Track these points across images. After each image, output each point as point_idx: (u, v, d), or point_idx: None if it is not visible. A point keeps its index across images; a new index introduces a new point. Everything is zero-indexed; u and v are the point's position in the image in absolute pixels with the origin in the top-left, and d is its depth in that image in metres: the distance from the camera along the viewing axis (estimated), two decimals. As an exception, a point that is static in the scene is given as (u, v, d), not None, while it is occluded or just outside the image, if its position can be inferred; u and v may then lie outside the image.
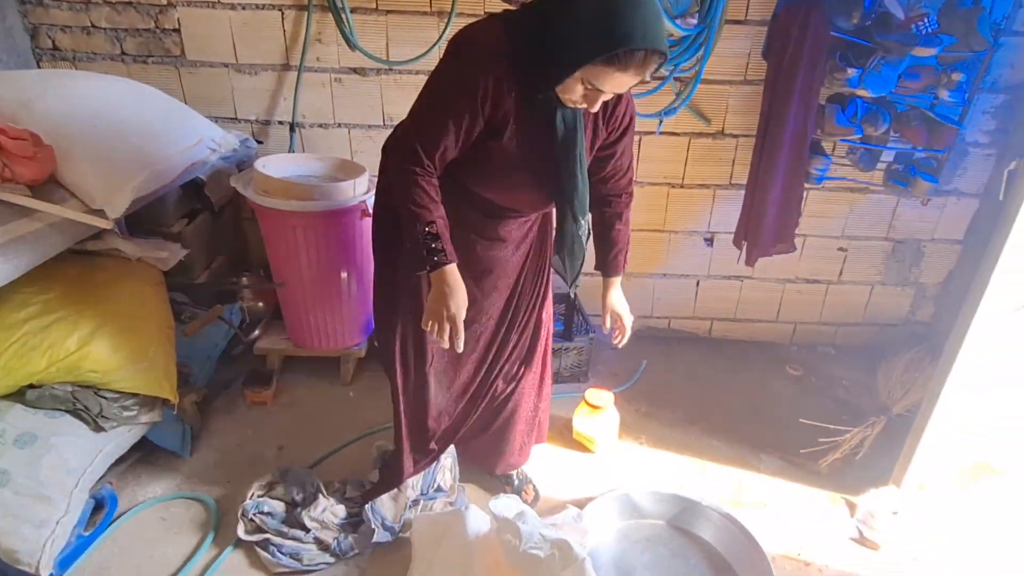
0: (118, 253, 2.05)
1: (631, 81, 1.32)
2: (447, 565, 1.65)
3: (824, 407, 2.54)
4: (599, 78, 1.30)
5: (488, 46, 1.36)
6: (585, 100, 1.37)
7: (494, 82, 1.36)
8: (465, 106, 1.37)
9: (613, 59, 1.25)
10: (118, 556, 1.82)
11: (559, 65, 1.30)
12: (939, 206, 2.67)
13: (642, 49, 1.24)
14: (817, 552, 1.96)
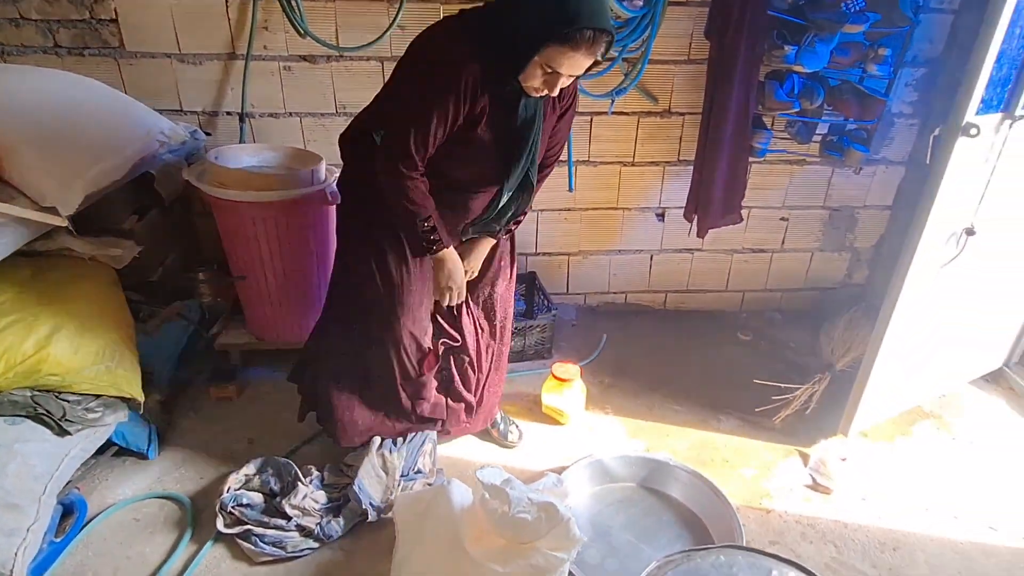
0: (70, 253, 1.99)
1: (585, 61, 1.45)
2: (433, 539, 1.69)
3: (774, 368, 2.69)
4: (556, 60, 1.43)
5: (460, 48, 1.47)
6: (545, 85, 1.50)
7: (471, 81, 1.47)
8: (449, 107, 1.48)
9: (566, 39, 1.38)
10: (93, 559, 1.79)
11: (519, 53, 1.43)
12: (869, 174, 2.85)
13: (591, 28, 1.37)
14: (776, 500, 2.09)
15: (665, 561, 1.56)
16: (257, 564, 1.79)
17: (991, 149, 1.87)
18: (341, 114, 2.58)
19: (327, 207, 2.32)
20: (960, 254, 2.04)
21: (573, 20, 1.36)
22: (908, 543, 1.96)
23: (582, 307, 3.08)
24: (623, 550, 1.88)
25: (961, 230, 1.99)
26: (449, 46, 1.48)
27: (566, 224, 2.88)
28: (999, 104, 1.80)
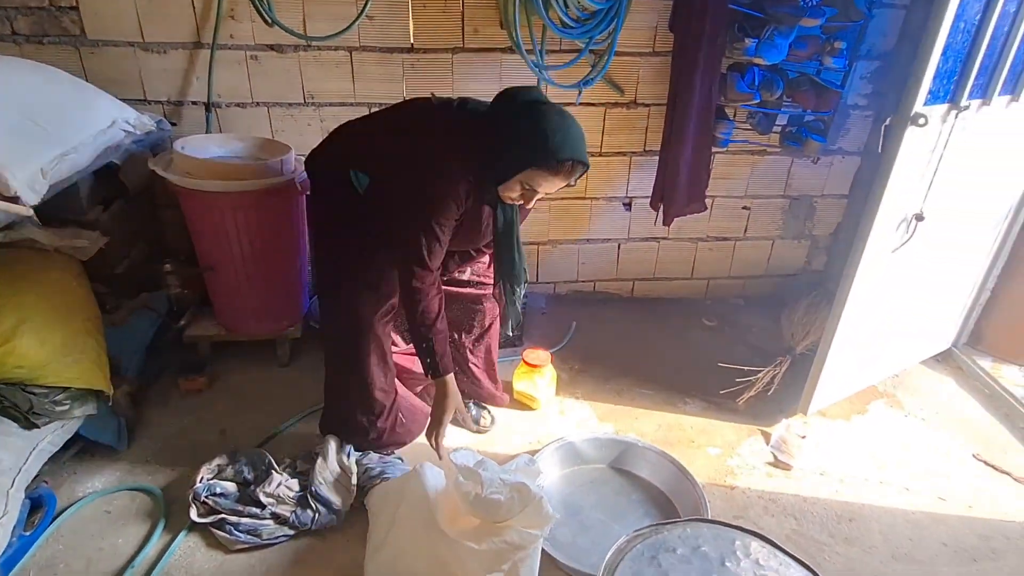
0: (34, 244, 1.96)
1: (560, 184, 1.64)
2: (409, 522, 1.71)
3: (738, 352, 2.77)
4: (535, 181, 1.61)
5: (457, 163, 1.64)
6: (522, 198, 1.68)
7: (466, 192, 1.67)
8: (452, 217, 1.68)
9: (548, 167, 1.57)
10: (65, 552, 1.78)
11: (504, 169, 1.61)
12: (827, 164, 2.96)
13: (572, 160, 1.57)
14: (740, 477, 2.17)
15: (634, 535, 1.62)
16: (232, 552, 1.80)
17: (939, 138, 1.96)
18: (310, 104, 2.57)
19: (296, 197, 2.32)
20: (910, 239, 2.14)
21: (557, 151, 1.54)
22: (863, 514, 2.06)
23: (552, 295, 3.13)
24: (594, 528, 1.94)
25: (911, 216, 2.09)
26: (454, 164, 1.64)
27: (535, 214, 2.91)
28: (945, 95, 1.89)
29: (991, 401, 2.60)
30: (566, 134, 1.56)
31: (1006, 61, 1.94)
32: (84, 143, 1.95)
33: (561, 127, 1.56)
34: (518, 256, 1.86)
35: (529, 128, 1.56)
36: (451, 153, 1.65)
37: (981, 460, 2.31)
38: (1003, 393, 2.59)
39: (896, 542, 1.97)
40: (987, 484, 2.21)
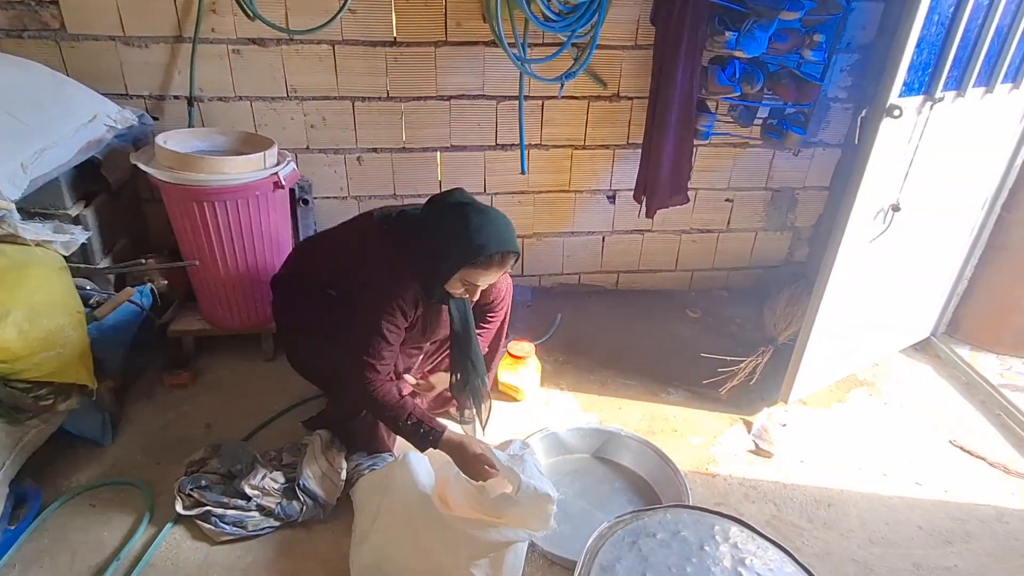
0: (15, 239, 1.95)
1: (497, 275, 1.76)
2: (392, 512, 1.73)
3: (721, 343, 2.81)
4: (471, 277, 1.72)
5: (400, 272, 1.77)
6: (467, 292, 1.79)
7: (413, 299, 1.78)
8: (401, 324, 1.78)
9: (477, 263, 1.67)
10: (50, 545, 1.78)
11: (442, 273, 1.72)
12: (808, 156, 2.99)
13: (499, 252, 1.67)
14: (722, 465, 2.20)
15: (616, 521, 1.65)
16: (218, 543, 1.81)
17: (914, 129, 1.99)
18: (293, 98, 2.57)
19: (279, 191, 2.32)
20: (887, 230, 2.17)
21: (483, 248, 1.65)
22: (841, 499, 2.10)
23: (537, 288, 3.15)
24: (577, 516, 1.96)
25: (888, 206, 2.12)
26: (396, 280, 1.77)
27: (520, 207, 2.94)
28: (920, 87, 1.92)
29: (968, 389, 2.65)
30: (489, 231, 1.67)
31: (980, 53, 1.98)
32: (65, 137, 1.94)
33: (484, 226, 1.67)
34: (476, 345, 1.95)
35: (456, 232, 1.68)
36: (393, 265, 1.79)
37: (957, 446, 2.36)
38: (980, 381, 2.64)
39: (873, 526, 2.01)
40: (963, 469, 2.25)
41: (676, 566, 1.53)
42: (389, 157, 2.74)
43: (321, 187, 2.75)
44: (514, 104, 2.65)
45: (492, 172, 2.83)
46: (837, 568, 1.86)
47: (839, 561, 1.88)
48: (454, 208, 1.72)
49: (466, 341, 1.92)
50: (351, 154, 2.71)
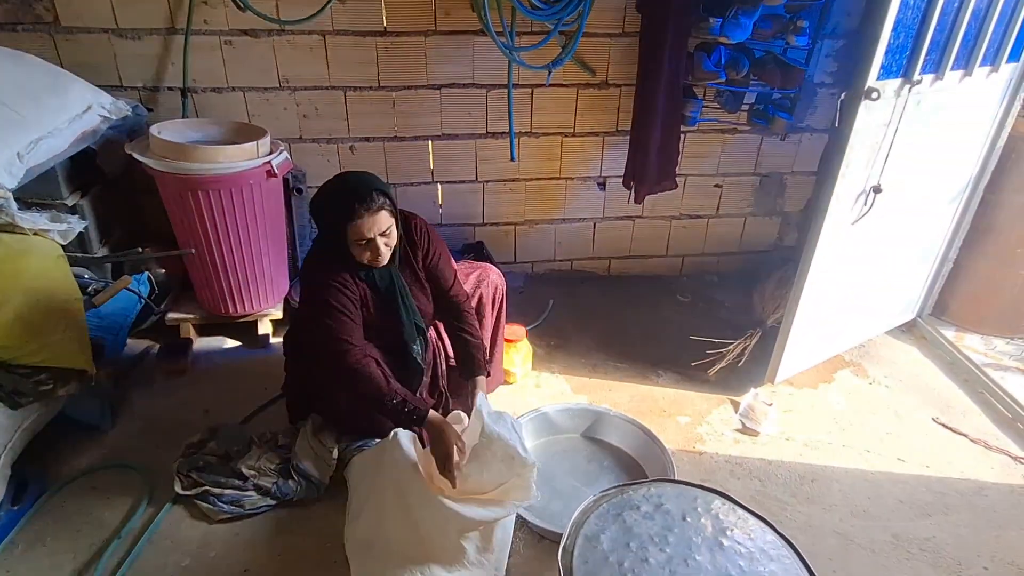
0: (13, 228, 1.99)
1: (377, 219, 1.74)
2: (384, 490, 1.78)
3: (711, 327, 2.84)
4: (356, 232, 1.74)
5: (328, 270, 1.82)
6: (371, 253, 1.79)
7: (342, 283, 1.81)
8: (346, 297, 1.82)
9: (349, 217, 1.71)
10: (52, 525, 1.83)
11: (334, 244, 1.79)
12: (796, 142, 3.03)
13: (355, 198, 1.70)
14: (708, 444, 2.26)
15: (601, 495, 1.70)
16: (216, 522, 1.87)
17: (893, 112, 2.03)
18: (285, 88, 2.61)
19: (273, 180, 2.36)
20: (869, 212, 2.21)
21: (346, 203, 1.71)
22: (825, 475, 2.15)
23: (530, 275, 3.19)
24: (567, 493, 2.01)
25: (869, 188, 2.16)
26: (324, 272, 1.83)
27: (511, 194, 2.98)
28: (898, 70, 1.96)
29: (952, 368, 2.70)
30: (341, 185, 1.76)
31: (957, 36, 2.01)
32: (60, 128, 1.98)
33: (334, 185, 1.78)
34: (405, 312, 1.95)
35: (320, 204, 1.80)
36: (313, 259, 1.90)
37: (940, 423, 2.40)
38: (964, 360, 2.69)
39: (855, 500, 2.06)
40: (945, 445, 2.30)
41: (658, 536, 1.57)
42: (381, 146, 2.78)
43: (315, 177, 2.79)
44: (504, 93, 2.69)
45: (483, 160, 2.87)
46: (818, 540, 1.91)
47: (820, 533, 1.94)
48: (317, 196, 1.82)
49: (396, 308, 1.93)
50: (344, 143, 2.75)
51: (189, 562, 1.76)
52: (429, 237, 1.99)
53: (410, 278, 1.98)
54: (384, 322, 1.94)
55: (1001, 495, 2.10)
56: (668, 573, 1.49)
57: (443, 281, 2.04)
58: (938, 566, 1.85)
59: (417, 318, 1.99)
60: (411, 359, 1.98)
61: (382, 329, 1.94)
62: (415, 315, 1.98)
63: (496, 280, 2.26)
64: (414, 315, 1.97)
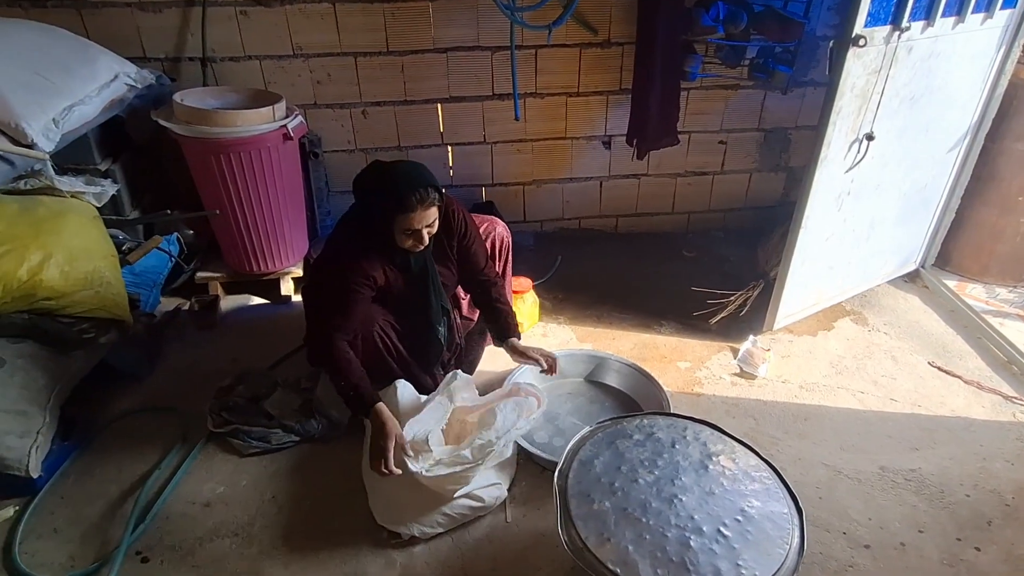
0: (52, 191, 2.15)
1: (427, 214, 1.80)
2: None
3: (714, 280, 2.92)
4: (406, 224, 1.80)
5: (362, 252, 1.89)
6: (414, 241, 1.85)
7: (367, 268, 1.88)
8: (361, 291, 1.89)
9: (403, 210, 1.76)
10: (99, 460, 2.02)
11: (382, 231, 1.84)
12: (799, 96, 3.06)
13: (414, 193, 1.74)
14: (706, 386, 2.36)
15: (597, 426, 1.82)
16: (246, 456, 2.04)
17: (883, 59, 2.07)
18: (299, 55, 2.72)
19: (289, 143, 2.48)
20: (863, 159, 2.27)
21: (401, 192, 1.75)
22: (818, 414, 2.25)
23: (539, 233, 3.30)
24: (569, 431, 2.14)
25: (862, 136, 2.22)
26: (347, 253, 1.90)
27: (519, 155, 3.07)
28: (886, 17, 2.00)
29: (952, 316, 2.75)
30: (398, 179, 1.78)
31: (949, -18, 2.04)
32: (90, 95, 2.13)
33: (387, 176, 1.80)
34: (435, 297, 2.03)
35: (369, 190, 1.84)
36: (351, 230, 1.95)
37: (935, 366, 2.48)
38: (964, 308, 2.74)
39: (846, 436, 2.16)
40: (938, 387, 2.38)
41: (648, 460, 1.70)
42: (392, 110, 2.89)
43: (330, 141, 2.92)
44: (509, 54, 2.76)
45: (490, 121, 2.96)
46: (807, 471, 2.02)
47: (809, 465, 2.04)
48: (365, 173, 1.86)
49: (425, 289, 2.01)
50: (356, 108, 2.86)
51: (223, 490, 1.94)
52: (465, 224, 2.06)
53: (442, 262, 2.06)
54: (412, 302, 2.03)
55: (989, 431, 2.18)
56: (655, 492, 1.61)
57: (475, 263, 2.11)
58: (921, 494, 1.95)
59: (444, 300, 2.09)
60: (435, 339, 2.10)
61: (408, 307, 2.04)
62: (442, 297, 2.08)
63: (502, 232, 2.36)
64: (441, 297, 2.07)
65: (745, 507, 1.57)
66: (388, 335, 2.00)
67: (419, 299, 2.02)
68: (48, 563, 1.71)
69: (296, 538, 1.79)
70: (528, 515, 1.87)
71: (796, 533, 1.52)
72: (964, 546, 1.79)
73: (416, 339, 2.08)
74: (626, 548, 1.48)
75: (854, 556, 1.76)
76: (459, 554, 1.76)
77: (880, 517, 1.87)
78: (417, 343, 2.08)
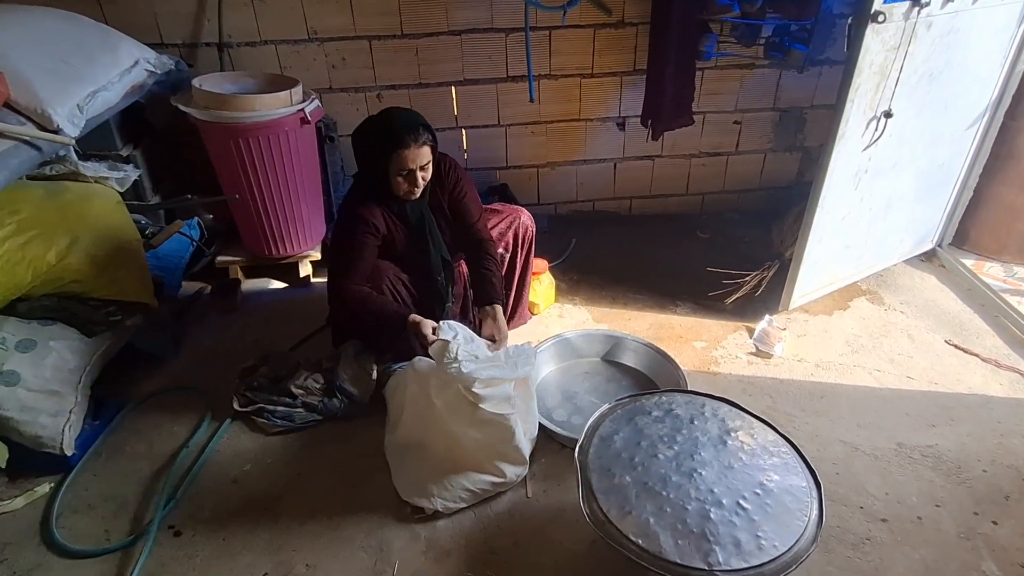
0: (76, 177, 2.19)
1: (420, 152, 1.88)
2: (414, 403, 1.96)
3: (729, 261, 2.91)
4: (400, 163, 1.88)
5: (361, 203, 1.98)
6: (409, 184, 1.93)
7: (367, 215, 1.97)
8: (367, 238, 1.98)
9: (396, 145, 1.85)
10: (129, 438, 2.07)
11: (378, 175, 1.92)
12: (815, 75, 3.04)
13: (405, 130, 1.85)
14: (723, 365, 2.38)
15: (616, 403, 1.85)
16: (271, 434, 2.08)
17: (902, 35, 2.06)
18: (314, 40, 2.73)
19: (306, 127, 2.51)
20: (881, 136, 2.26)
21: (394, 129, 1.85)
22: (834, 392, 2.26)
23: (553, 216, 3.31)
24: (587, 409, 2.17)
25: (880, 113, 2.21)
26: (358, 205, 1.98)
27: (533, 137, 3.08)
28: (906, -8, 1.98)
29: (970, 295, 2.75)
30: (389, 118, 1.88)
31: (970, -44, 2.02)
32: (112, 81, 2.15)
33: (383, 117, 1.90)
34: (432, 245, 2.10)
35: (366, 133, 1.93)
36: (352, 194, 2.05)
37: (952, 344, 2.48)
38: (981, 287, 2.73)
39: (862, 414, 2.17)
40: (955, 365, 2.38)
41: (667, 436, 1.72)
42: (407, 93, 2.90)
43: (345, 125, 2.93)
44: (523, 36, 2.76)
45: (504, 104, 2.97)
46: (825, 447, 2.04)
47: (827, 442, 2.06)
48: (364, 125, 1.95)
49: (424, 241, 2.09)
50: (371, 92, 2.88)
51: (250, 467, 1.98)
52: (457, 175, 2.13)
53: (438, 214, 2.13)
54: (413, 254, 2.10)
55: (1007, 408, 2.19)
56: (675, 466, 1.64)
57: (468, 216, 2.16)
58: (938, 469, 1.96)
59: (443, 251, 2.15)
60: (436, 287, 2.15)
61: (412, 260, 2.11)
62: (441, 247, 2.14)
63: (527, 222, 2.38)
64: (440, 248, 2.14)
65: (764, 481, 1.60)
66: (398, 289, 2.08)
67: (419, 250, 2.10)
68: (84, 537, 1.77)
69: (322, 512, 1.84)
70: (548, 491, 1.91)
71: (815, 506, 1.54)
72: (981, 520, 1.80)
73: (421, 292, 2.16)
74: (647, 520, 1.51)
75: (871, 529, 1.78)
76: (482, 528, 1.80)
77: (897, 492, 1.89)
78: (421, 294, 2.16)
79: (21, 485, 1.91)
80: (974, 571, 1.67)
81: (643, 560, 1.43)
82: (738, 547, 1.44)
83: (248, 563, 1.70)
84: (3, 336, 1.92)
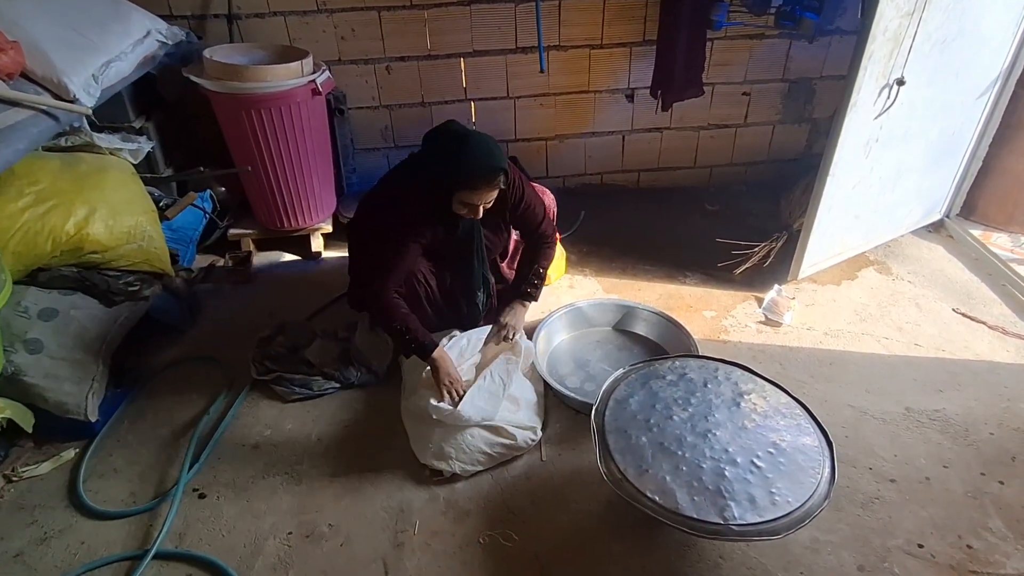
0: (91, 148, 2.20)
1: (489, 193, 1.86)
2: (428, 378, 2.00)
3: (738, 232, 2.93)
4: (467, 198, 1.85)
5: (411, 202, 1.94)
6: (470, 212, 1.90)
7: (420, 225, 1.95)
8: (412, 245, 1.96)
9: (468, 187, 1.81)
10: (151, 405, 2.11)
11: (441, 199, 1.88)
12: (825, 45, 3.03)
13: (483, 174, 1.79)
14: (732, 334, 2.41)
15: (630, 368, 1.88)
16: (289, 402, 2.12)
17: (917, 1, 2.05)
18: (323, 11, 2.72)
19: (317, 99, 2.51)
20: (892, 105, 2.26)
21: (470, 172, 1.79)
22: (843, 359, 2.29)
23: (561, 189, 3.31)
24: (600, 376, 2.20)
25: (892, 80, 2.21)
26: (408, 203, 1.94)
27: (541, 109, 3.07)
28: (922, -43, 1.98)
29: (977, 264, 2.77)
30: (471, 157, 1.78)
31: (986, -80, 2.00)
32: (125, 52, 2.16)
33: (466, 153, 1.79)
34: (477, 262, 2.09)
35: (440, 162, 1.84)
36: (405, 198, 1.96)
37: (960, 313, 2.50)
38: (989, 256, 2.75)
39: (871, 379, 2.20)
40: (963, 332, 2.41)
41: (681, 399, 1.76)
42: (416, 65, 2.89)
43: (354, 98, 2.93)
44: (532, 6, 2.75)
45: (513, 76, 2.96)
46: (834, 411, 2.07)
47: (836, 406, 2.09)
48: (440, 141, 1.86)
49: (468, 253, 2.07)
50: (380, 63, 2.87)
51: (270, 433, 2.02)
52: (522, 192, 2.07)
53: (490, 222, 2.07)
54: (455, 266, 2.10)
55: (1013, 374, 2.22)
56: (690, 427, 1.68)
57: (531, 222, 2.15)
58: (946, 432, 2.00)
59: (486, 269, 2.15)
60: (474, 306, 2.18)
61: (451, 272, 2.10)
62: (484, 265, 2.14)
63: (549, 203, 2.39)
64: (483, 265, 2.13)
65: (777, 440, 1.64)
66: (430, 284, 2.07)
67: (461, 263, 2.08)
68: (111, 500, 1.81)
69: (342, 476, 1.88)
70: (563, 454, 1.95)
71: (827, 464, 1.58)
72: (988, 480, 1.84)
73: (453, 304, 2.15)
74: (664, 478, 1.54)
75: (880, 489, 1.82)
76: (499, 490, 1.84)
77: (905, 454, 1.92)
78: (454, 307, 2.15)
79: (47, 451, 1.95)
80: (981, 528, 1.71)
81: (661, 516, 1.48)
82: (752, 503, 1.48)
83: (272, 523, 1.75)
84: (26, 305, 1.94)
